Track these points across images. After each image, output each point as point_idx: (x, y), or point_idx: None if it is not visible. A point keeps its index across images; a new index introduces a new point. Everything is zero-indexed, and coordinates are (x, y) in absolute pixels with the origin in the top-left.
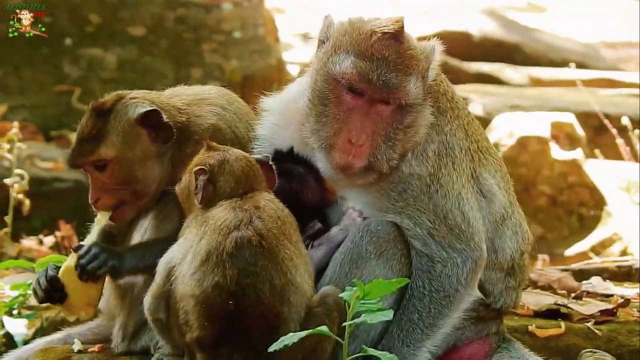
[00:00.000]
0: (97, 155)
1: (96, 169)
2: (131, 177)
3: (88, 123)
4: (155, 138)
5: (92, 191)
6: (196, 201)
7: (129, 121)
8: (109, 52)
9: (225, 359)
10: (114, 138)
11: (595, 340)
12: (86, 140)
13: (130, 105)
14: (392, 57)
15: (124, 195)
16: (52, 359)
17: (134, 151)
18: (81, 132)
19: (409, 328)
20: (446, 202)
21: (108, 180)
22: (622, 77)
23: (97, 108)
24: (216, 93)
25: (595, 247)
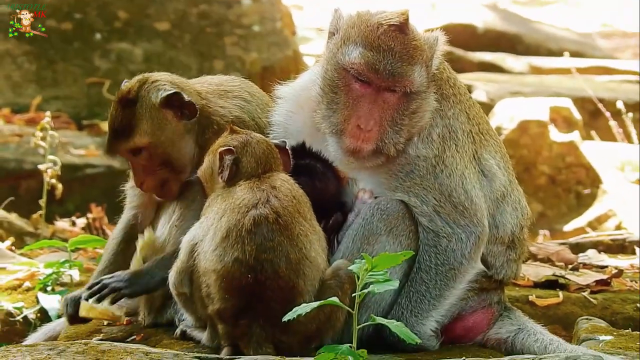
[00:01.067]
0: (132, 144)
1: (133, 154)
2: (167, 156)
3: (117, 114)
4: (181, 116)
5: (136, 176)
6: (220, 180)
7: (155, 106)
8: (137, 46)
9: (244, 329)
10: (144, 126)
11: (591, 308)
12: (119, 131)
13: (152, 90)
14: (398, 47)
15: (165, 173)
16: (84, 331)
17: (165, 133)
18: (112, 123)
19: (417, 299)
20: (450, 181)
21: (147, 164)
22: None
23: (123, 99)
24: (239, 85)
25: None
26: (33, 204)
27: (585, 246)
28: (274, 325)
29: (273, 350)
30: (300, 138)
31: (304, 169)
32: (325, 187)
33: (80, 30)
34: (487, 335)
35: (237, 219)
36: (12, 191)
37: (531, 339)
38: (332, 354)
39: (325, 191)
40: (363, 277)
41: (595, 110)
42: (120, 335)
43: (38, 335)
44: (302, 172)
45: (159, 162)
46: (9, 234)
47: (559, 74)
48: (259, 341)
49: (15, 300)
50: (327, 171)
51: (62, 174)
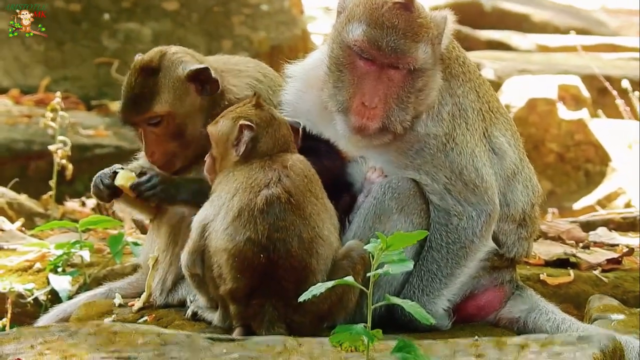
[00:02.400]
0: (152, 112)
1: (149, 125)
2: (183, 129)
3: (137, 81)
4: (201, 91)
5: (148, 147)
6: (234, 152)
7: (180, 78)
8: (145, 26)
9: (257, 309)
10: (166, 95)
11: (602, 286)
12: (138, 98)
13: (177, 62)
14: (402, 25)
15: (174, 147)
16: (95, 312)
17: (185, 105)
18: (131, 90)
19: (428, 278)
20: (461, 159)
21: (162, 134)
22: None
23: (145, 67)
24: (253, 66)
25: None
26: (43, 184)
27: (596, 224)
28: (286, 304)
29: (285, 330)
30: (310, 117)
31: (309, 151)
32: (333, 165)
33: (89, 11)
34: (499, 314)
35: (249, 198)
36: (21, 172)
37: (543, 318)
38: (347, 333)
39: (333, 170)
40: (378, 256)
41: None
42: (132, 317)
43: (49, 316)
44: (308, 154)
45: (172, 134)
46: (19, 215)
47: (566, 52)
48: (272, 321)
49: (26, 281)
50: (331, 150)
51: (72, 154)
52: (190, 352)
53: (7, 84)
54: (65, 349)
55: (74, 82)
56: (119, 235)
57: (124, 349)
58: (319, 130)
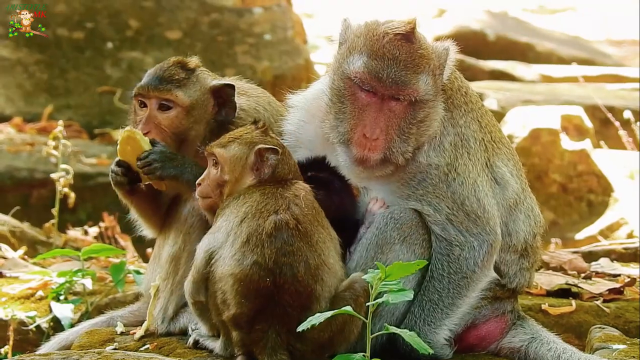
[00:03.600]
0: (174, 96)
1: (160, 107)
2: (185, 131)
3: (170, 68)
4: (217, 112)
5: (145, 124)
6: (252, 176)
7: (206, 86)
8: (148, 55)
9: (260, 335)
10: (191, 92)
11: (604, 317)
12: (165, 79)
13: (208, 74)
14: (403, 56)
15: (170, 142)
16: (97, 340)
17: (200, 111)
18: (161, 72)
19: (430, 308)
20: (463, 189)
21: (166, 123)
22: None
23: (182, 62)
24: (260, 92)
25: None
26: (45, 212)
27: (598, 255)
28: (289, 331)
29: (288, 358)
30: (312, 147)
31: (322, 183)
32: (342, 202)
33: (92, 39)
34: (501, 344)
35: (257, 223)
36: (24, 200)
37: (544, 347)
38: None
39: (341, 207)
40: (377, 286)
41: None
42: (134, 345)
43: (51, 344)
44: (320, 186)
45: (176, 128)
46: (22, 242)
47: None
48: (274, 347)
49: (28, 309)
50: (344, 187)
51: (74, 182)
52: None
53: (10, 112)
54: None
55: (76, 110)
56: (121, 264)
57: None
58: None
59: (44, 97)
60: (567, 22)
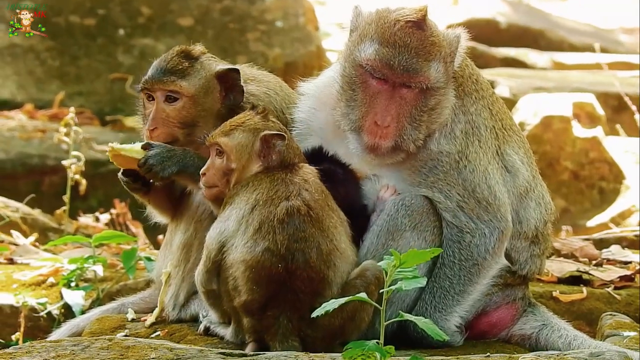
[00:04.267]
0: (179, 87)
1: (166, 99)
2: (194, 120)
3: (174, 59)
4: (224, 98)
5: (153, 120)
6: (259, 163)
7: (211, 72)
8: (160, 42)
9: (271, 322)
10: (196, 80)
11: (615, 304)
12: (169, 71)
13: (212, 60)
14: (414, 43)
15: (179, 134)
16: (108, 327)
17: (207, 99)
18: (164, 63)
19: (441, 295)
20: (474, 177)
21: (173, 114)
22: None
23: (185, 51)
24: (271, 78)
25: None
26: (56, 199)
27: (609, 242)
28: (300, 317)
29: (299, 344)
30: (323, 135)
31: (326, 174)
32: (347, 192)
33: (104, 26)
34: (511, 331)
35: (269, 210)
36: (35, 187)
37: (555, 334)
38: (360, 350)
39: (348, 196)
40: (391, 273)
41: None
42: (144, 332)
43: (62, 331)
44: (325, 178)
45: (183, 119)
46: (33, 229)
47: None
48: (285, 334)
49: (39, 296)
50: (348, 175)
51: (86, 169)
52: None
53: (22, 99)
54: None
55: (88, 97)
56: (132, 251)
57: None
58: (332, 148)
59: (56, 83)
60: (579, 10)
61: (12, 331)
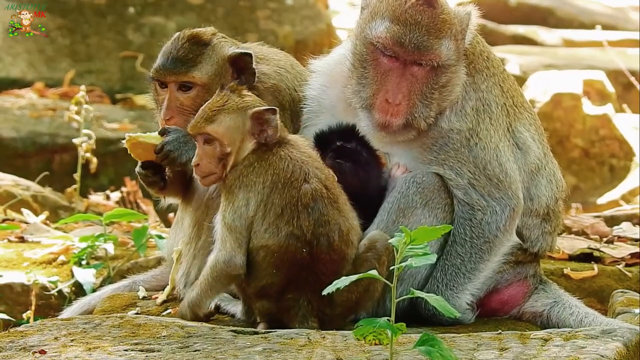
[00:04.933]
0: (191, 77)
1: (180, 89)
2: None
3: (184, 46)
4: (236, 79)
5: (167, 110)
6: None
7: (223, 56)
8: (170, 20)
9: (291, 304)
10: (208, 67)
11: (626, 281)
12: (180, 61)
13: (225, 42)
14: (425, 21)
15: None
16: (119, 305)
17: (219, 85)
18: (175, 52)
19: (452, 272)
20: (485, 154)
21: (187, 103)
22: None
23: (195, 37)
24: (282, 56)
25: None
26: (67, 178)
27: (620, 219)
28: (320, 298)
29: (317, 323)
30: (334, 112)
31: (349, 155)
32: (367, 177)
33: (114, 4)
34: (523, 309)
35: (290, 194)
36: (46, 165)
37: (567, 312)
38: (370, 327)
39: (366, 181)
40: (402, 250)
41: (628, 82)
42: (156, 310)
43: (73, 309)
44: (347, 158)
45: (197, 106)
46: (44, 208)
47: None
48: (305, 315)
49: (50, 274)
50: (371, 160)
51: (96, 147)
52: (214, 345)
53: (32, 77)
54: (88, 341)
55: (98, 75)
56: (143, 229)
57: (148, 342)
58: None
59: (66, 62)
60: None
61: (23, 309)
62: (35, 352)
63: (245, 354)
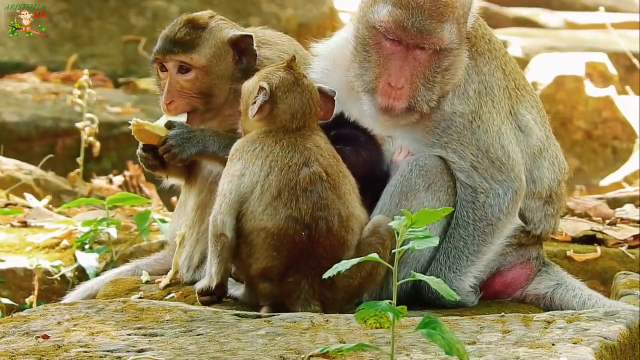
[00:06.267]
0: (189, 58)
1: (179, 71)
2: (209, 89)
3: (181, 29)
4: (237, 62)
5: (168, 93)
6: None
7: (223, 40)
8: (173, 4)
9: (292, 287)
10: (206, 49)
11: (629, 263)
12: (178, 43)
13: (223, 25)
14: (427, 5)
15: (197, 103)
16: (122, 289)
17: (219, 66)
18: (172, 35)
19: (455, 255)
20: (487, 137)
21: (187, 86)
22: None
23: (192, 20)
24: (286, 40)
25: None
26: (70, 162)
27: (623, 201)
28: (321, 282)
29: (320, 307)
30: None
31: (347, 139)
32: (369, 156)
33: None
34: (526, 291)
35: (288, 177)
36: (49, 149)
37: (570, 294)
38: (372, 310)
39: (369, 161)
40: (403, 233)
41: (631, 65)
42: (159, 294)
43: (76, 293)
44: (346, 142)
45: (199, 89)
46: (47, 192)
47: (594, 29)
48: (307, 298)
49: (53, 258)
50: (369, 140)
51: (99, 132)
52: (217, 329)
53: (35, 61)
54: (92, 326)
55: (101, 59)
56: (145, 213)
57: (151, 326)
58: (346, 109)
59: (69, 46)
60: None
61: (26, 294)
62: (38, 337)
63: (248, 337)
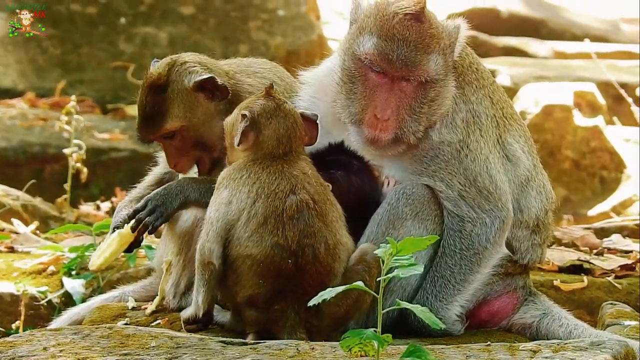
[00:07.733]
0: (164, 129)
1: (166, 138)
2: (200, 137)
3: (148, 100)
4: (212, 98)
5: (169, 158)
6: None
7: (187, 90)
8: (161, 31)
9: (278, 315)
10: (176, 110)
11: (616, 293)
12: (150, 117)
13: (183, 73)
14: (413, 37)
15: (198, 153)
16: (108, 315)
17: (197, 115)
18: (143, 109)
19: (442, 284)
20: (475, 166)
21: (180, 145)
22: None
23: (153, 85)
24: (269, 67)
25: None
26: (58, 187)
27: (610, 231)
28: (307, 309)
29: (306, 335)
30: (324, 124)
31: (340, 164)
32: (361, 183)
33: (105, 14)
34: (512, 320)
35: (275, 205)
36: (36, 175)
37: (556, 323)
38: (357, 338)
39: (361, 188)
40: (388, 261)
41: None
42: (145, 320)
43: (62, 319)
44: (339, 167)
45: (191, 143)
46: (34, 217)
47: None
48: (294, 326)
49: (39, 284)
50: (363, 168)
51: (87, 158)
52: (203, 356)
53: (23, 87)
54: (78, 352)
55: (89, 85)
56: None
57: (137, 352)
58: (333, 138)
59: (57, 72)
60: None
61: (13, 319)
62: None
63: None
